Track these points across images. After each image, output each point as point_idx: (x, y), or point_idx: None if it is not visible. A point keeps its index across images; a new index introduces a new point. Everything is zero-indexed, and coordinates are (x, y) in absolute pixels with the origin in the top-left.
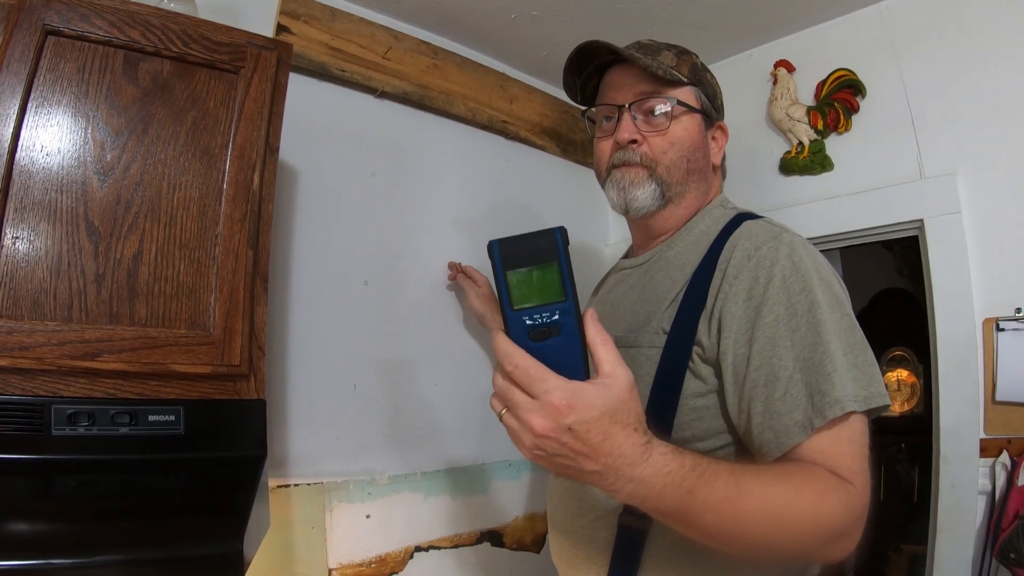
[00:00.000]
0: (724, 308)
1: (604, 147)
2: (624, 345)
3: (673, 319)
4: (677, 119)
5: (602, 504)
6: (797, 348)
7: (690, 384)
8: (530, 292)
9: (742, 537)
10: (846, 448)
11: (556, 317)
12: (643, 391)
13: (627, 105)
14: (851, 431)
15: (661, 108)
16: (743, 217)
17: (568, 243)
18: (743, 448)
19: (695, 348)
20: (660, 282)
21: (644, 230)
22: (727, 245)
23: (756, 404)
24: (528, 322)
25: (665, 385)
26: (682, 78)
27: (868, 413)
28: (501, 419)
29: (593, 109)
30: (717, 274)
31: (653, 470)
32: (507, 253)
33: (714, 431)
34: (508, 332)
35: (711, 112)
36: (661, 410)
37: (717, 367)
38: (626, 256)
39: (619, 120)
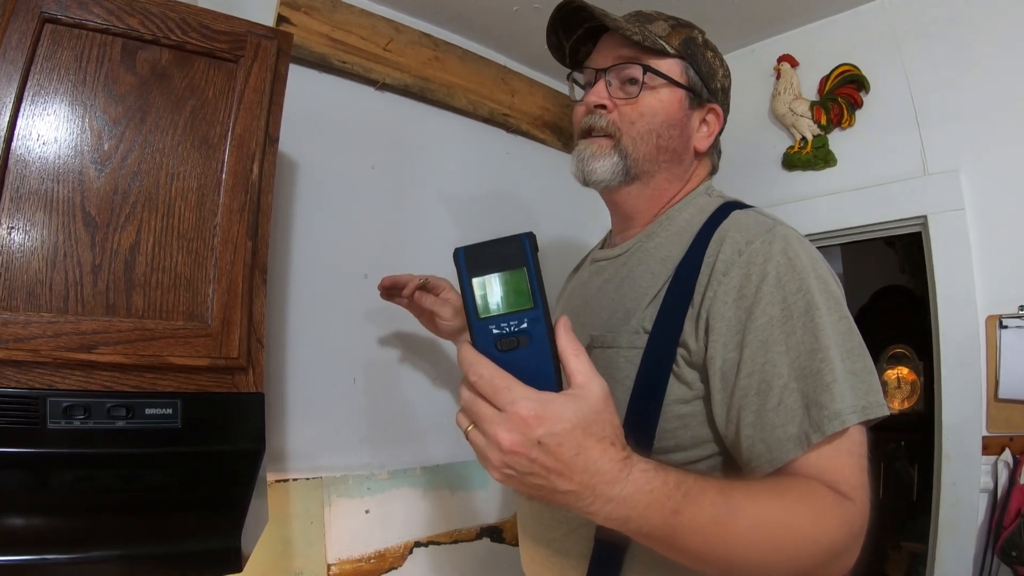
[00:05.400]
0: (712, 308)
1: (578, 111)
2: (601, 345)
3: (655, 318)
4: (654, 90)
5: (576, 516)
6: (793, 354)
7: (674, 389)
8: (497, 300)
9: (733, 560)
10: (845, 461)
11: (524, 326)
12: (622, 396)
13: (604, 70)
14: (850, 443)
15: (634, 75)
16: (731, 207)
17: (537, 249)
18: (730, 459)
19: (680, 350)
20: (640, 276)
21: (615, 210)
22: (715, 237)
23: (746, 414)
24: (495, 331)
25: (646, 390)
26: (667, 48)
27: (866, 422)
28: (468, 437)
29: (577, 73)
30: (704, 269)
31: (634, 488)
32: (472, 260)
33: (699, 440)
34: (474, 343)
35: (700, 90)
36: (642, 417)
37: (704, 372)
38: (603, 246)
39: (594, 84)
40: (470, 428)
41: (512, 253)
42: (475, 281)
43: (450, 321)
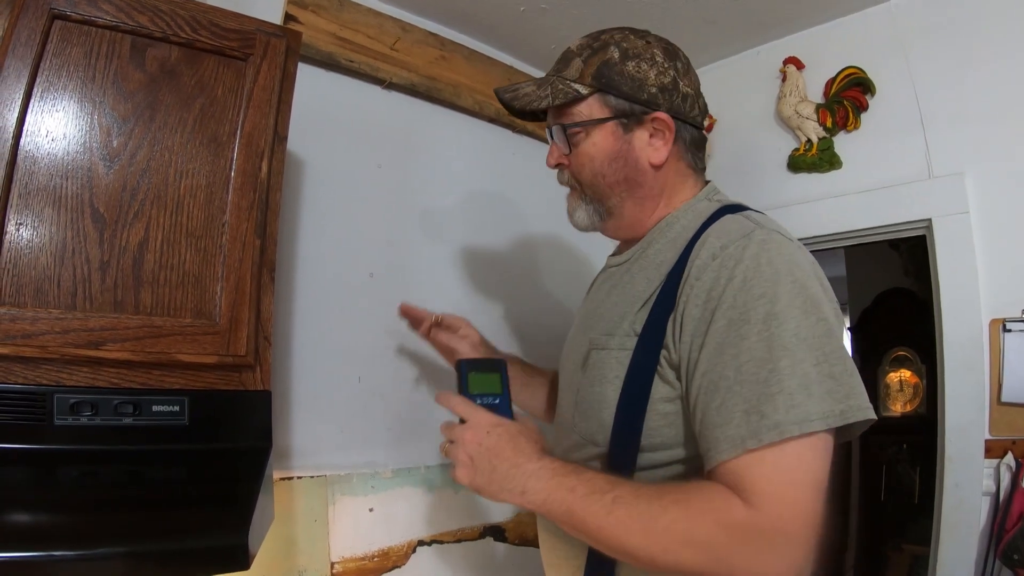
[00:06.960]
0: (686, 310)
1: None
2: (596, 347)
3: (644, 321)
4: (586, 136)
5: None
6: (743, 358)
7: (659, 389)
8: (481, 385)
9: (623, 548)
10: (768, 472)
11: (496, 402)
12: (612, 395)
13: (550, 131)
14: (782, 455)
15: (564, 134)
16: (725, 211)
17: (507, 368)
18: None
19: (663, 352)
20: (638, 282)
21: (613, 237)
22: (698, 242)
23: (698, 412)
24: (478, 402)
25: (634, 389)
26: (580, 91)
27: (853, 427)
28: (446, 451)
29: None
30: (685, 273)
31: (542, 465)
32: (470, 365)
33: (684, 438)
34: None
35: (630, 110)
36: (630, 415)
37: (679, 371)
38: (616, 252)
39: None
40: (448, 445)
41: (494, 366)
42: (471, 374)
43: (468, 355)
